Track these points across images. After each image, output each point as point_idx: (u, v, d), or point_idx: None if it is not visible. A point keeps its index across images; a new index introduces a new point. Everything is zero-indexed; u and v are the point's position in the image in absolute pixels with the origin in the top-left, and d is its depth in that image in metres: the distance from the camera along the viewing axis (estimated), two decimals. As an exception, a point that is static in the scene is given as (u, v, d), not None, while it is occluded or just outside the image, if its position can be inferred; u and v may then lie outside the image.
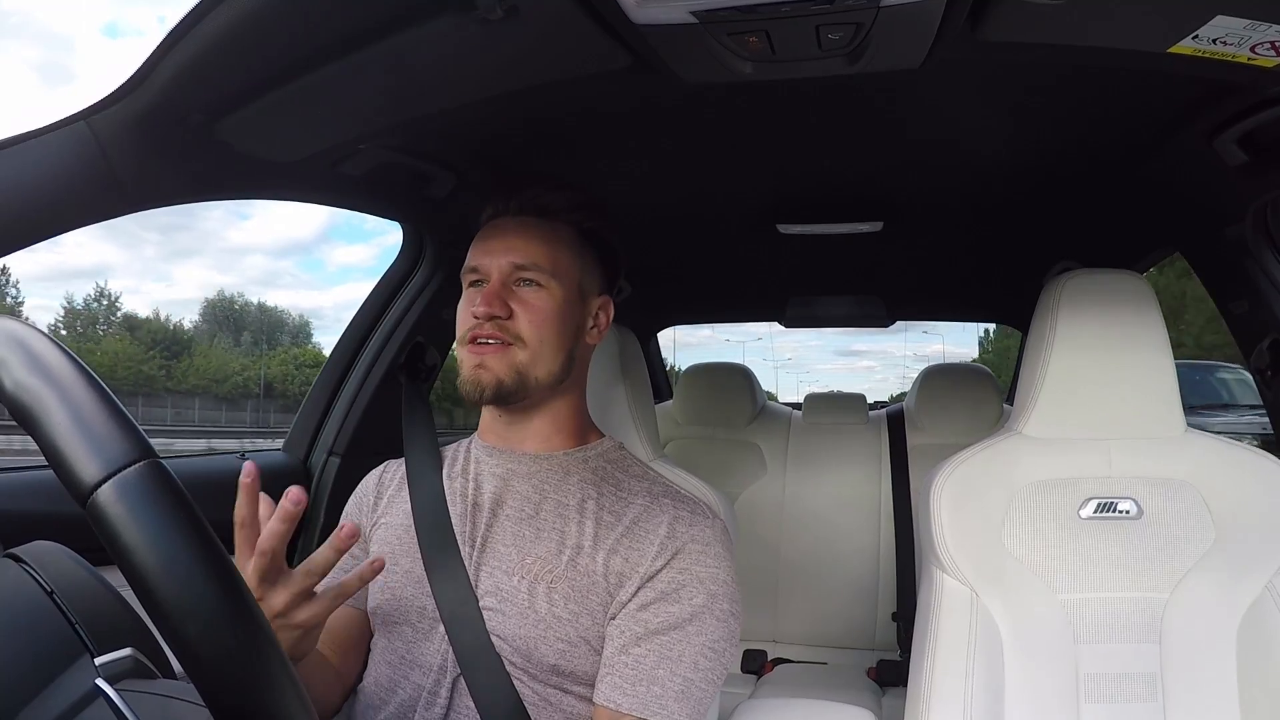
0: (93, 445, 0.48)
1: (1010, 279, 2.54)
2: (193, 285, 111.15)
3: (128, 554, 0.46)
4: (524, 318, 1.09)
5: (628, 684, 0.96)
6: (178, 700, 0.55)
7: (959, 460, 1.32)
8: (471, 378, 1.09)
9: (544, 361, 1.10)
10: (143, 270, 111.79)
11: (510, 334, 1.08)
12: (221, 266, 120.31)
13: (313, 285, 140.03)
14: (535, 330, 1.09)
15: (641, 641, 0.98)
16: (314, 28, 0.92)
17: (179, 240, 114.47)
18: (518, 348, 1.09)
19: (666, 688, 0.96)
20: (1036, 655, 1.22)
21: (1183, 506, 1.26)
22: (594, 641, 1.01)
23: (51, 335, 0.55)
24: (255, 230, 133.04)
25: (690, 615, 0.99)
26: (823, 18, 0.87)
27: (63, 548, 0.68)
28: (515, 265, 1.10)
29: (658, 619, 0.99)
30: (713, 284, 2.82)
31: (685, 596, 1.00)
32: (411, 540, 1.10)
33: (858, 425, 2.86)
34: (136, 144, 1.02)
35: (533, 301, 1.10)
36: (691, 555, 1.02)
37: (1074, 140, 1.43)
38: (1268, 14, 0.84)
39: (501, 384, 1.08)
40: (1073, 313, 1.30)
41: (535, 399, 1.12)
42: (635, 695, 0.95)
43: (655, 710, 0.95)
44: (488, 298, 1.08)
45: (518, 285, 1.11)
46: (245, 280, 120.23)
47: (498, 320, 1.08)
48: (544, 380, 1.11)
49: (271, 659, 0.48)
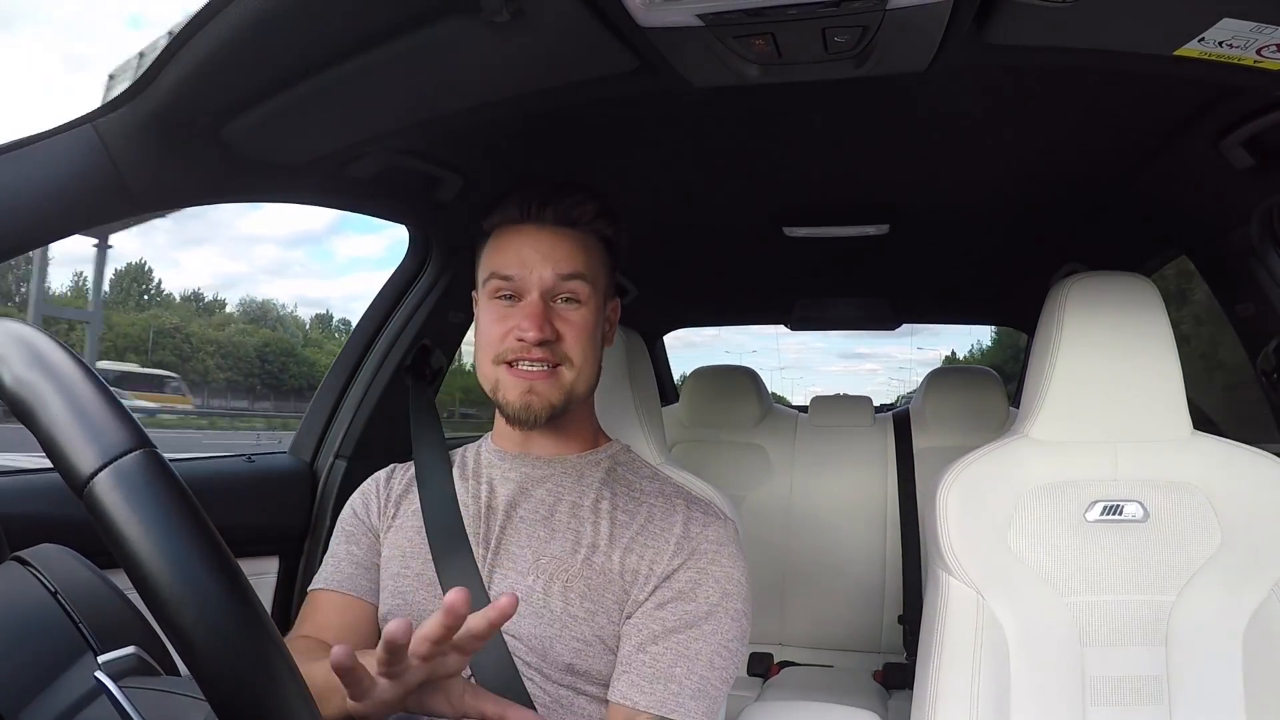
0: (89, 435, 0.48)
1: (1016, 281, 2.54)
2: (204, 273, 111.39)
3: (124, 542, 0.46)
4: (570, 338, 1.08)
5: (645, 682, 0.96)
6: (180, 695, 0.56)
7: (965, 463, 1.32)
8: (523, 403, 1.07)
9: (586, 377, 1.11)
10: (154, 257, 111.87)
11: (559, 356, 1.08)
12: (232, 255, 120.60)
13: (322, 275, 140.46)
14: (581, 350, 1.09)
15: (659, 640, 0.98)
16: (320, 31, 0.92)
17: (191, 228, 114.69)
18: (565, 368, 1.08)
19: (684, 686, 0.96)
20: (1042, 658, 1.22)
21: (1189, 509, 1.25)
22: (609, 640, 1.01)
23: (50, 334, 0.56)
24: (267, 220, 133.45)
25: (706, 613, 1.00)
26: (829, 21, 0.87)
27: (68, 550, 0.68)
28: (559, 276, 1.08)
29: (674, 618, 0.99)
30: (719, 287, 2.82)
31: (701, 595, 1.01)
32: (422, 542, 1.10)
33: (864, 427, 2.85)
34: (143, 147, 1.02)
35: (575, 320, 1.09)
36: (707, 555, 1.03)
37: (1080, 143, 1.43)
38: (1274, 17, 0.84)
39: (554, 408, 1.08)
40: (1079, 315, 1.29)
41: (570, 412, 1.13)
42: (653, 693, 0.95)
43: (673, 708, 0.95)
44: (536, 321, 1.05)
45: (556, 302, 1.09)
46: (255, 269, 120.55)
47: (548, 344, 1.07)
48: (584, 394, 1.12)
49: (269, 648, 0.47)
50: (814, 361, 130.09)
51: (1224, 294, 1.64)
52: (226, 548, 0.49)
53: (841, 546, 2.67)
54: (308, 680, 0.50)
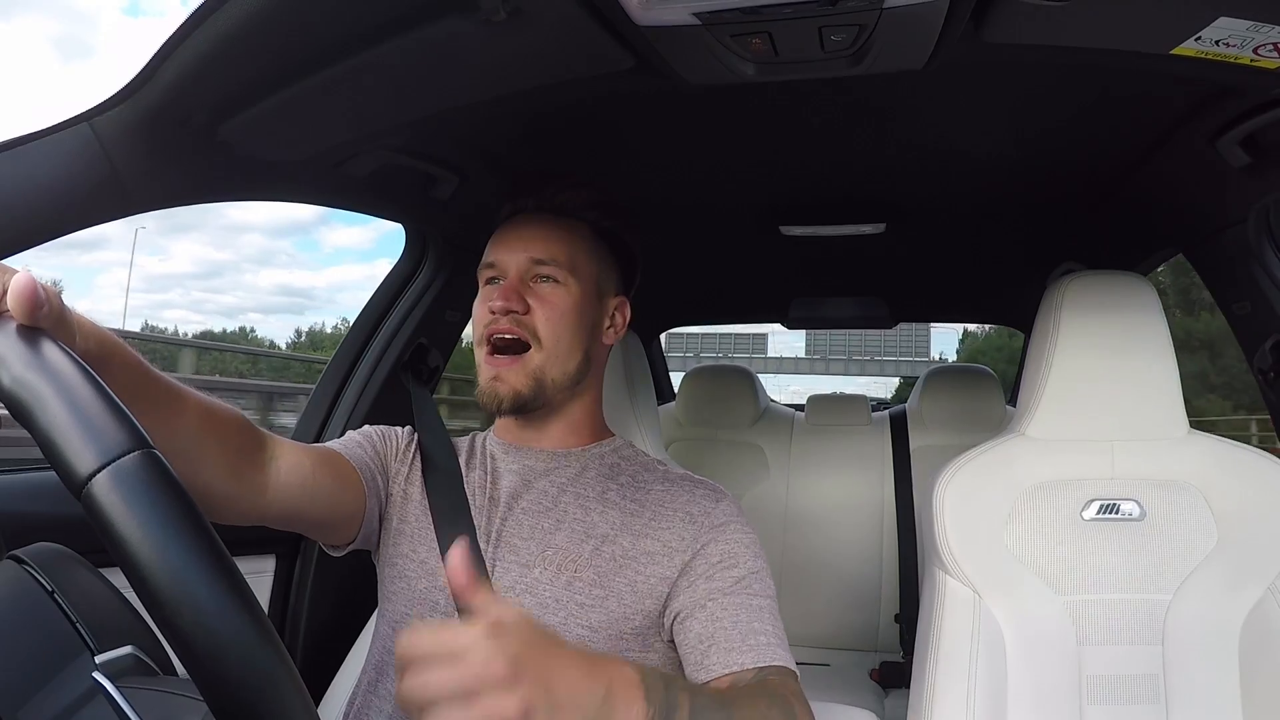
0: (88, 436, 0.48)
1: (1013, 280, 2.54)
2: (187, 260, 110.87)
3: (122, 542, 0.46)
4: (541, 313, 1.09)
5: (735, 643, 0.95)
6: (177, 695, 0.56)
7: (962, 462, 1.32)
8: (489, 389, 1.08)
9: (559, 361, 1.10)
10: (140, 243, 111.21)
11: (527, 329, 1.08)
12: (219, 243, 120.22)
13: (308, 265, 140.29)
14: (552, 327, 1.09)
15: (719, 599, 0.97)
16: (317, 29, 0.92)
17: (179, 215, 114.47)
18: (534, 351, 1.08)
19: (770, 636, 0.95)
20: (1039, 657, 1.22)
21: (1185, 508, 1.26)
22: (618, 623, 1.00)
23: (49, 335, 0.55)
24: (256, 208, 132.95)
25: (748, 574, 1.00)
26: (825, 19, 0.87)
27: (65, 549, 0.68)
28: (533, 260, 1.10)
29: (727, 582, 0.99)
30: (715, 285, 2.82)
31: (741, 560, 1.01)
32: (427, 530, 1.09)
33: (860, 427, 2.86)
34: (139, 145, 1.02)
35: (550, 298, 1.10)
36: (728, 529, 1.04)
37: (1077, 141, 1.43)
38: (1270, 16, 0.84)
39: (519, 395, 1.08)
40: (1075, 314, 1.30)
41: (554, 403, 1.12)
42: (751, 650, 0.94)
43: (770, 657, 0.93)
44: (505, 292, 1.08)
45: (535, 282, 1.10)
46: (241, 258, 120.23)
47: (514, 315, 1.08)
48: (560, 382, 1.11)
49: (266, 647, 0.47)
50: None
51: (1221, 293, 1.65)
52: (224, 547, 0.48)
53: (838, 545, 2.68)
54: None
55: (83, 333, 0.69)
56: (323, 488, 1.02)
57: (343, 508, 1.06)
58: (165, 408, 0.82)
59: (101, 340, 0.73)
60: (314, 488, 1.00)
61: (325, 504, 1.03)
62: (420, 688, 0.56)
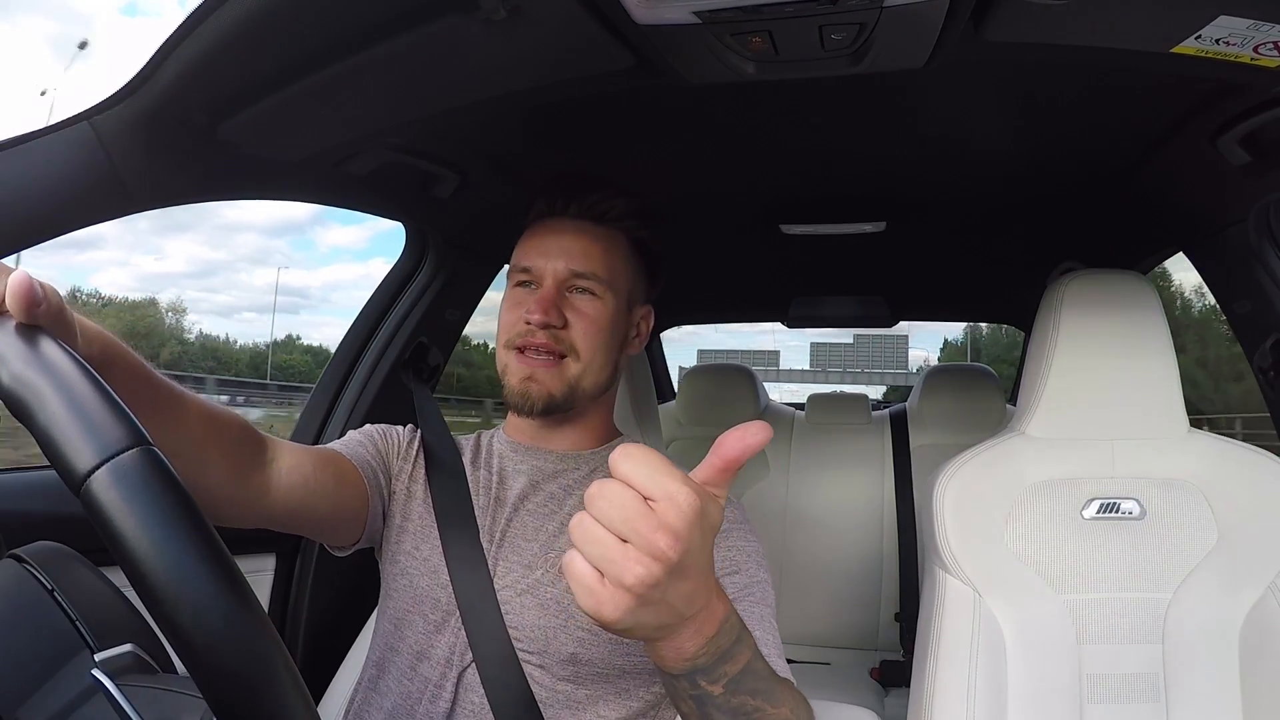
0: (87, 432, 0.48)
1: (1013, 279, 2.54)
2: (182, 259, 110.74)
3: (120, 539, 0.46)
4: (578, 327, 1.08)
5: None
6: (177, 693, 0.56)
7: (962, 460, 1.32)
8: (520, 390, 1.08)
9: (594, 373, 1.10)
10: (135, 243, 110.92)
11: (564, 344, 1.07)
12: (214, 242, 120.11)
13: (303, 265, 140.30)
14: (589, 341, 1.08)
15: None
16: (317, 28, 0.92)
17: (175, 214, 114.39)
18: (570, 360, 1.08)
19: (770, 648, 0.94)
20: (1039, 655, 1.22)
21: (1185, 507, 1.26)
22: None
23: (49, 332, 0.55)
24: (251, 207, 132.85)
25: (751, 583, 1.00)
26: (826, 18, 0.87)
27: (64, 547, 0.68)
28: (573, 272, 1.09)
29: (728, 588, 0.98)
30: (716, 284, 2.81)
31: (743, 568, 1.01)
32: (431, 528, 1.09)
33: (861, 426, 2.86)
34: (139, 144, 1.02)
35: (587, 311, 1.09)
36: (733, 535, 1.04)
37: (1077, 140, 1.43)
38: (1271, 14, 0.84)
39: (552, 398, 1.08)
40: (1076, 313, 1.30)
41: (579, 408, 1.12)
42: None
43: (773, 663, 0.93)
44: (544, 304, 1.06)
45: (571, 292, 1.09)
46: (236, 257, 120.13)
47: (552, 330, 1.07)
48: (591, 391, 1.11)
49: (266, 645, 0.47)
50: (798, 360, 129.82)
51: (1221, 291, 1.64)
52: (224, 545, 0.48)
53: (838, 544, 2.68)
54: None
55: (85, 335, 0.69)
56: (324, 488, 1.02)
57: (345, 507, 1.06)
58: (167, 411, 0.83)
59: (104, 343, 0.73)
60: (316, 488, 1.01)
61: (327, 504, 1.03)
62: (606, 502, 0.56)
